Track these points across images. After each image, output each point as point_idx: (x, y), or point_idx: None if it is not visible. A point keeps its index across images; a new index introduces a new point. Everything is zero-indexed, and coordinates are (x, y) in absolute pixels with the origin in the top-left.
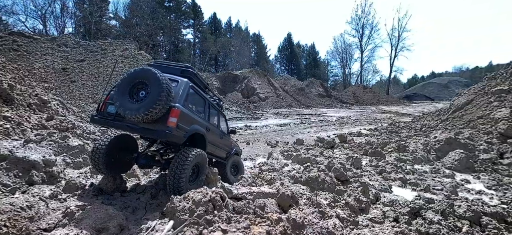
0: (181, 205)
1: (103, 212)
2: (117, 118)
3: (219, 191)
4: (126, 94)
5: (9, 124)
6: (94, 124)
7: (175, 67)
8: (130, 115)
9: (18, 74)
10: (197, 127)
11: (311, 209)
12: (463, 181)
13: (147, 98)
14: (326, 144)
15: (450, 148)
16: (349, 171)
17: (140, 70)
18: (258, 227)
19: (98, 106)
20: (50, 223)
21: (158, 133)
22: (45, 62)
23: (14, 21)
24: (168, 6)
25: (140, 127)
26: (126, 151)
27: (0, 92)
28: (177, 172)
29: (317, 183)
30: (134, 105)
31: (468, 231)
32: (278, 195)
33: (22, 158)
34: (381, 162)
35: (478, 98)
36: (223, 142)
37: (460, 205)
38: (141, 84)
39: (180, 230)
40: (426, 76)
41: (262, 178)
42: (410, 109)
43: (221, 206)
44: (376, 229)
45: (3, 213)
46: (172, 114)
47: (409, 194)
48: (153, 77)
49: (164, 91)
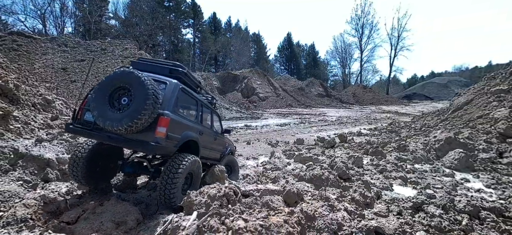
0: (197, 199)
1: (121, 207)
2: (96, 127)
3: (232, 186)
4: (105, 102)
5: (19, 124)
6: (70, 133)
7: (162, 66)
8: (111, 127)
9: (21, 74)
10: (189, 133)
11: (320, 203)
12: (462, 180)
13: (130, 106)
14: (327, 144)
15: (450, 147)
16: (351, 169)
17: (121, 73)
18: (276, 217)
19: (74, 113)
20: (72, 217)
21: (145, 146)
22: (45, 62)
23: (13, 21)
24: (168, 6)
25: (123, 138)
26: (110, 158)
27: (6, 93)
28: (169, 182)
29: (321, 181)
30: (116, 115)
31: (467, 224)
32: (284, 192)
33: (37, 156)
34: (382, 161)
35: (478, 98)
36: (216, 143)
37: (460, 200)
38: (123, 89)
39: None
40: (425, 76)
41: (266, 176)
42: (409, 109)
43: (234, 200)
44: (382, 221)
45: (29, 207)
46: (161, 124)
47: (410, 192)
48: (137, 81)
49: (150, 98)
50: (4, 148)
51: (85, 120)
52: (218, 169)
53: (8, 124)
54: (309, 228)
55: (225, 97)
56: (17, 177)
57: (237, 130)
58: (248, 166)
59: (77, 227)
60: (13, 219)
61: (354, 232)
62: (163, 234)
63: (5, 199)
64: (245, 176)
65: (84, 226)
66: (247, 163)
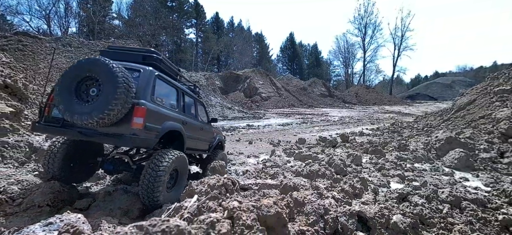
0: (198, 188)
1: (127, 197)
2: (66, 123)
3: (231, 177)
4: (72, 94)
5: (29, 121)
6: (37, 132)
7: (134, 53)
8: (80, 120)
9: (28, 74)
10: (170, 123)
11: (310, 191)
12: (461, 179)
13: (100, 97)
14: (328, 143)
15: (450, 147)
16: (349, 167)
17: (86, 61)
18: (267, 199)
19: (40, 110)
20: (83, 204)
21: (121, 139)
22: (49, 62)
23: (19, 21)
24: (171, 6)
25: (97, 133)
26: (88, 155)
27: (16, 92)
28: (151, 180)
29: (317, 176)
30: (84, 108)
31: (447, 212)
32: (281, 186)
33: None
34: (381, 159)
35: (481, 98)
36: (203, 133)
37: (443, 191)
38: (90, 79)
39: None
40: (429, 76)
41: (265, 172)
42: (413, 110)
43: (232, 190)
44: (366, 207)
45: (45, 194)
46: (137, 114)
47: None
48: (104, 69)
49: (120, 87)
50: (20, 142)
51: (53, 117)
52: (218, 164)
53: (20, 121)
54: (297, 212)
55: (227, 97)
56: (33, 168)
57: (239, 130)
58: (248, 163)
59: (89, 212)
60: (32, 205)
61: (338, 216)
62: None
63: (24, 187)
64: (244, 172)
65: (96, 212)
66: (247, 161)
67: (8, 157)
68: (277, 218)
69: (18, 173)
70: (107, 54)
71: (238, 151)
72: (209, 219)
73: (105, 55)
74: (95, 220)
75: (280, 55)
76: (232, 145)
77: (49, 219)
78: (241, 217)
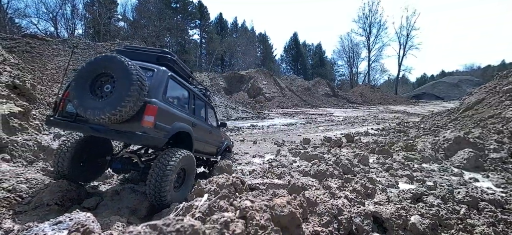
0: (207, 187)
1: (135, 196)
2: (78, 119)
3: (239, 176)
4: (86, 90)
5: (38, 121)
6: (51, 126)
7: (149, 53)
8: (92, 116)
9: (36, 75)
10: (180, 124)
11: (322, 191)
12: (471, 179)
13: (113, 93)
14: (333, 143)
15: (459, 147)
16: (356, 167)
17: (103, 58)
18: (280, 199)
19: (54, 105)
20: (92, 203)
21: (131, 136)
22: (57, 63)
23: (27, 24)
24: (175, 7)
25: (107, 129)
26: (97, 153)
27: (24, 92)
28: (158, 179)
29: (325, 176)
30: (98, 103)
31: (465, 213)
32: (289, 186)
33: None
34: (389, 159)
35: (489, 97)
36: (212, 137)
37: (460, 192)
38: (106, 76)
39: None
40: (435, 75)
41: (272, 172)
42: (419, 109)
43: (241, 189)
44: (381, 207)
45: (54, 193)
46: (148, 112)
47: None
48: (120, 66)
49: (134, 84)
50: (28, 141)
51: (67, 112)
52: (225, 163)
53: (28, 120)
54: (310, 213)
55: (231, 98)
56: (41, 167)
57: (243, 130)
58: (254, 163)
59: (97, 211)
60: (41, 203)
61: (353, 216)
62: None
63: (32, 186)
64: (251, 172)
65: (104, 211)
66: (253, 161)
67: (17, 156)
68: (291, 218)
69: (27, 172)
70: (123, 53)
71: (243, 151)
72: (223, 219)
73: (122, 53)
74: (104, 219)
75: (284, 55)
76: (237, 145)
77: (58, 218)
78: (255, 217)
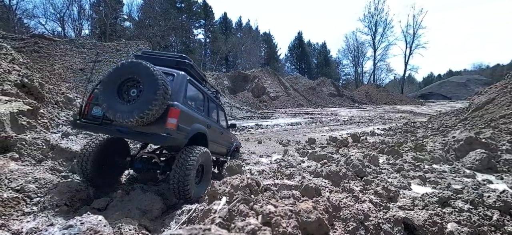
0: (221, 189)
1: (146, 196)
2: (104, 122)
3: (254, 177)
4: (114, 94)
5: (46, 119)
6: (77, 129)
7: (169, 58)
8: (121, 119)
9: (44, 74)
10: (198, 126)
11: (344, 194)
12: (485, 181)
13: (140, 97)
14: (339, 143)
15: (470, 147)
16: (367, 167)
17: (129, 64)
18: (304, 203)
19: (80, 109)
20: (101, 204)
21: (156, 137)
22: (64, 63)
23: (35, 24)
24: (180, 7)
25: (133, 131)
26: (118, 155)
27: (32, 91)
28: (182, 175)
29: (338, 177)
30: (126, 107)
31: (498, 219)
32: (301, 187)
33: (65, 148)
34: (399, 160)
35: (500, 97)
36: (223, 138)
37: (490, 196)
38: (132, 81)
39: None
40: (443, 74)
41: (281, 172)
42: (425, 109)
43: (257, 191)
44: (410, 212)
45: (63, 194)
46: (171, 115)
47: (429, 191)
48: (146, 72)
49: (160, 89)
50: (37, 139)
51: (93, 115)
52: (235, 163)
53: (37, 119)
54: (335, 218)
55: (235, 97)
56: (50, 166)
57: (248, 129)
58: (262, 163)
59: (107, 213)
60: (50, 204)
61: (381, 222)
62: (188, 222)
63: (41, 185)
64: (260, 172)
65: (114, 213)
66: (261, 160)
67: (25, 154)
68: (319, 225)
69: (36, 171)
70: (142, 58)
71: (249, 151)
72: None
73: (142, 58)
74: (115, 222)
75: (288, 54)
76: (242, 144)
77: (69, 221)
78: (280, 224)
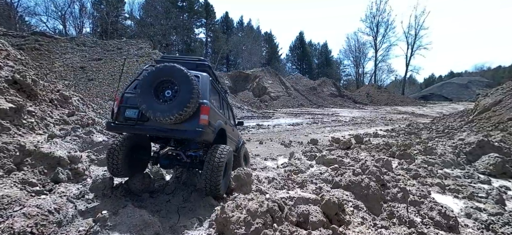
0: (235, 216)
1: (138, 218)
2: (139, 122)
3: (277, 199)
4: (151, 95)
5: (33, 119)
6: (112, 131)
7: (189, 62)
8: (162, 117)
9: (41, 71)
10: (221, 122)
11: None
12: (502, 188)
13: (177, 97)
14: (342, 145)
15: (483, 151)
16: (385, 174)
17: (164, 67)
18: None
19: (112, 113)
20: (80, 230)
21: (191, 133)
22: (64, 61)
23: (36, 22)
24: (181, 6)
25: (169, 128)
26: (142, 151)
27: (24, 88)
28: (214, 171)
29: (360, 188)
30: (164, 106)
31: None
32: (322, 202)
33: (47, 153)
34: (412, 165)
35: (507, 99)
36: (234, 134)
37: None
38: (166, 83)
39: None
40: (444, 76)
41: (292, 180)
42: (427, 110)
43: (281, 218)
44: None
45: (30, 217)
46: (203, 112)
47: (451, 201)
48: (181, 74)
49: (195, 89)
50: (8, 144)
51: (126, 117)
52: (244, 172)
53: (21, 118)
54: None
55: (236, 97)
56: (21, 179)
57: (249, 129)
58: (269, 167)
59: None
60: (10, 232)
61: None
62: None
63: (3, 206)
64: (270, 180)
65: None
66: (267, 164)
67: None
68: None
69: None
70: (164, 62)
71: (252, 152)
72: None
73: (164, 62)
74: None
75: (290, 54)
76: None
77: None
78: None
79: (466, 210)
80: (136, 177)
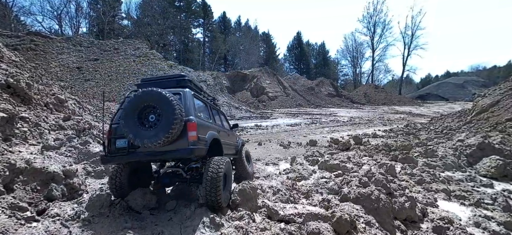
0: None
1: None
2: (131, 151)
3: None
4: (135, 123)
5: (27, 126)
6: (107, 164)
7: (169, 80)
8: (150, 143)
9: (35, 73)
10: (212, 133)
11: None
12: (505, 191)
13: (161, 120)
14: (341, 146)
15: (483, 153)
16: (392, 182)
17: (143, 94)
18: None
19: (104, 146)
20: None
21: (182, 151)
22: (60, 61)
23: (31, 22)
24: (179, 6)
25: (160, 151)
26: (143, 171)
27: (18, 92)
28: (213, 184)
29: (370, 201)
30: (150, 132)
31: None
32: (333, 219)
33: (40, 168)
34: (415, 169)
35: (505, 100)
36: (230, 139)
37: None
38: (148, 108)
39: None
40: (440, 75)
41: (297, 189)
42: (424, 110)
43: None
44: None
45: None
46: (190, 128)
47: (458, 209)
48: (160, 97)
49: (176, 109)
50: None
51: (117, 147)
52: (249, 186)
53: (13, 128)
54: None
55: (234, 97)
56: (10, 204)
57: (247, 130)
58: (271, 175)
59: None
60: None
61: None
62: None
63: None
64: (275, 191)
65: None
66: (268, 171)
67: None
68: None
69: None
70: (145, 86)
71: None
72: None
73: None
74: None
75: (287, 54)
76: None
77: None
78: None
79: (475, 219)
80: (137, 193)
